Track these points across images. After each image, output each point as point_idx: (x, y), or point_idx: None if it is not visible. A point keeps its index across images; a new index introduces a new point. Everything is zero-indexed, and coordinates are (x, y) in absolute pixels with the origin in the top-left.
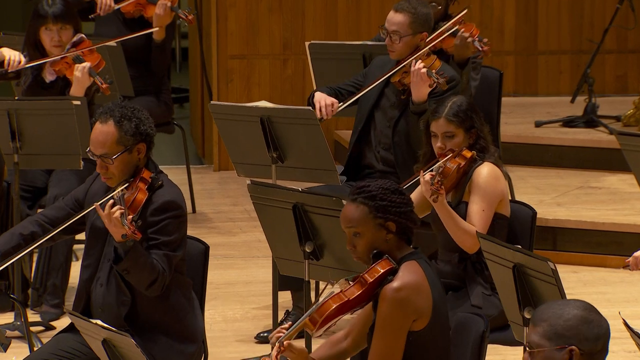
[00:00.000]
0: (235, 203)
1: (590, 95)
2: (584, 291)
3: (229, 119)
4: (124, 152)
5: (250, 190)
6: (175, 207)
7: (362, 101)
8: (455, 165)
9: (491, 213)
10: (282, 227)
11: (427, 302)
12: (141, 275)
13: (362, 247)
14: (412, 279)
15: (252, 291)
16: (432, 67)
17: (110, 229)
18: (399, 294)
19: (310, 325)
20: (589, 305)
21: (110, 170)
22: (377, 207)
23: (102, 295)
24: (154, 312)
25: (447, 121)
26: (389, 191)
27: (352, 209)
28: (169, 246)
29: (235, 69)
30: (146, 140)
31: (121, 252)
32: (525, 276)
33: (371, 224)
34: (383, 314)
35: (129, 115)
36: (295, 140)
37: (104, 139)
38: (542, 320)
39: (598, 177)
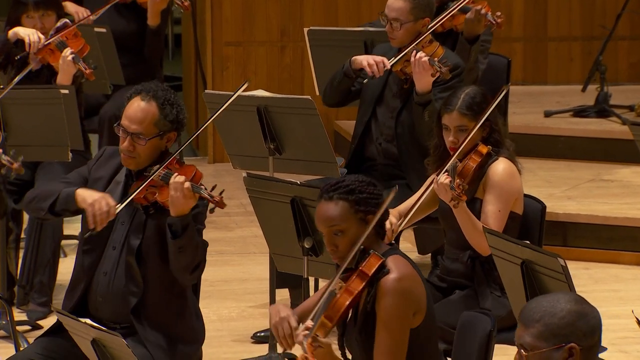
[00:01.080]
0: (230, 197)
1: (602, 84)
2: (596, 289)
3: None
4: (157, 136)
5: (246, 184)
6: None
7: (366, 91)
8: (474, 165)
9: (507, 212)
10: (280, 222)
11: (422, 295)
12: (193, 255)
13: (345, 245)
14: (408, 270)
15: (249, 289)
16: (434, 55)
17: (176, 201)
18: (401, 284)
19: (327, 323)
20: (578, 297)
21: (137, 150)
22: (357, 200)
23: (105, 284)
24: (160, 310)
25: (461, 114)
26: (365, 183)
27: (330, 207)
28: (201, 234)
29: (230, 57)
30: (179, 130)
31: (178, 228)
32: (534, 273)
33: (353, 220)
34: (387, 307)
35: (172, 101)
36: (294, 130)
37: (143, 117)
38: (534, 321)
39: (610, 170)
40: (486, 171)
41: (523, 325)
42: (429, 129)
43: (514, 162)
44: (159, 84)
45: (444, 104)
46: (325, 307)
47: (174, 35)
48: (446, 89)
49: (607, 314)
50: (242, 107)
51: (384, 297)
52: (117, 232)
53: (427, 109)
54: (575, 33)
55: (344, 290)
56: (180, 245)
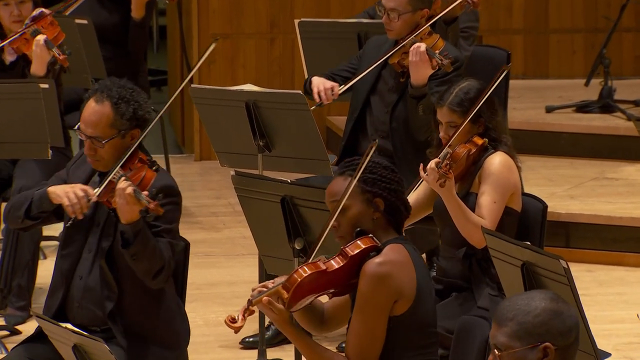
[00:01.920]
0: (218, 196)
1: (606, 78)
2: (600, 292)
3: (211, 103)
4: (117, 137)
5: (234, 182)
6: (175, 193)
7: (358, 86)
8: (465, 150)
9: (502, 205)
10: (270, 222)
11: (410, 284)
12: (150, 262)
13: (346, 223)
14: (396, 256)
15: (237, 292)
16: (434, 47)
17: (122, 207)
18: (381, 269)
19: (282, 292)
20: (554, 295)
21: (99, 153)
22: (365, 179)
23: (81, 289)
24: (139, 313)
25: (450, 110)
26: (379, 165)
27: (338, 181)
28: (170, 234)
29: (218, 50)
30: (142, 126)
31: (130, 236)
32: (535, 275)
33: (358, 198)
34: (363, 290)
35: (128, 98)
36: (284, 127)
37: (97, 120)
38: (508, 320)
39: (615, 167)
40: (482, 164)
41: (497, 324)
42: (423, 123)
43: (513, 158)
44: (117, 81)
45: (437, 97)
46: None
47: (158, 27)
48: (443, 82)
49: (611, 318)
50: (230, 102)
51: (362, 280)
52: (92, 235)
53: (421, 103)
54: (578, 25)
55: (310, 263)
56: (133, 253)
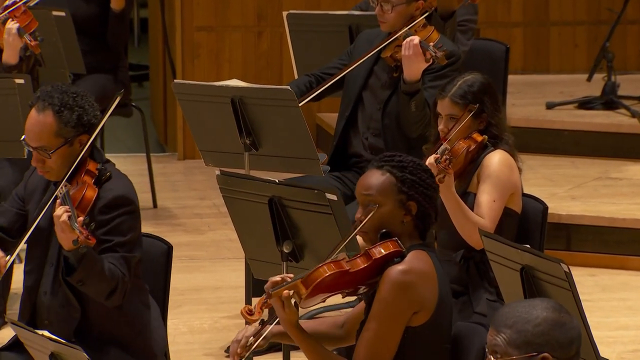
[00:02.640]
0: (202, 197)
1: (609, 73)
2: (602, 297)
3: (195, 100)
4: (64, 146)
5: (219, 182)
6: (128, 202)
7: (349, 81)
8: (464, 146)
9: (502, 205)
10: (257, 224)
11: (432, 295)
12: (99, 285)
13: (374, 220)
14: (420, 265)
15: (222, 298)
16: (428, 40)
17: (58, 235)
18: (405, 277)
19: (301, 288)
20: (557, 305)
21: (48, 164)
22: (404, 180)
23: (47, 306)
24: (108, 324)
25: (452, 103)
26: (421, 168)
27: (376, 174)
28: (124, 247)
29: (202, 43)
30: (89, 131)
31: (73, 262)
32: (535, 280)
33: (392, 198)
34: (383, 296)
35: (70, 104)
36: (272, 124)
37: (41, 131)
38: (507, 327)
39: (619, 167)
40: (481, 162)
41: (495, 329)
42: (415, 120)
43: (514, 157)
44: (58, 87)
45: (440, 89)
46: (310, 272)
47: (139, 19)
48: (437, 77)
49: (615, 324)
50: (214, 98)
51: (383, 286)
52: (53, 248)
53: (414, 99)
54: (580, 17)
55: (332, 262)
56: (79, 280)
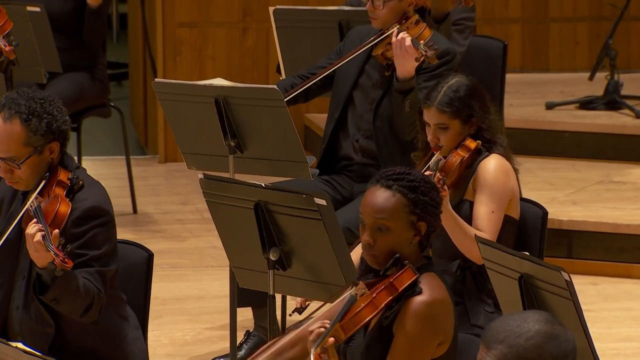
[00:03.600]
0: (184, 201)
1: (612, 71)
2: (605, 307)
3: (177, 99)
4: (33, 155)
5: (202, 186)
6: (102, 213)
7: (339, 80)
8: (458, 159)
9: (502, 214)
10: (242, 231)
11: (451, 323)
12: (74, 304)
13: (385, 245)
14: (442, 295)
15: (206, 308)
16: (420, 38)
17: (31, 253)
18: (432, 310)
19: (342, 334)
20: (550, 317)
21: (17, 174)
22: (416, 201)
23: (19, 321)
24: (84, 339)
25: (439, 111)
26: (430, 186)
27: (387, 196)
28: (100, 261)
29: (184, 40)
30: (59, 138)
31: (47, 280)
32: (534, 289)
33: (404, 220)
34: (411, 332)
35: (39, 111)
36: (258, 125)
37: (8, 141)
38: (498, 342)
39: (622, 170)
40: (476, 169)
41: (485, 346)
42: (409, 121)
43: (509, 160)
44: (25, 92)
45: (424, 97)
46: (343, 315)
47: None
48: (432, 77)
49: (618, 335)
50: (197, 98)
51: (410, 319)
52: (24, 260)
53: (408, 98)
54: (581, 12)
55: (370, 302)
56: (53, 298)
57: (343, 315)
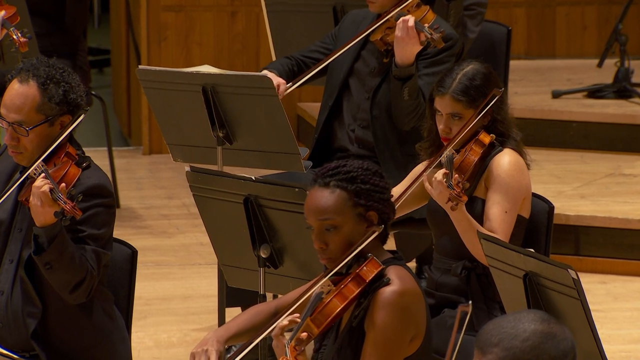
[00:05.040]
0: (170, 196)
1: (622, 58)
2: (615, 307)
3: (162, 88)
4: (44, 123)
5: (189, 180)
6: (107, 194)
7: (333, 67)
8: (475, 157)
9: (515, 214)
10: (231, 227)
11: (423, 317)
12: (67, 272)
13: (338, 244)
14: (411, 285)
15: (192, 308)
16: (423, 21)
17: (33, 209)
18: (403, 300)
19: (313, 327)
20: (546, 316)
21: (23, 143)
22: (358, 191)
23: (3, 306)
24: (68, 332)
25: (454, 100)
26: (370, 172)
27: (325, 195)
28: (97, 241)
29: (170, 24)
30: (73, 112)
31: (44, 241)
32: (540, 288)
33: (350, 214)
34: (383, 324)
35: (57, 78)
36: (248, 115)
37: (22, 103)
38: (492, 345)
39: (632, 162)
40: (488, 164)
41: (480, 351)
42: (408, 110)
43: (522, 155)
44: (44, 60)
45: (437, 83)
46: (312, 311)
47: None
48: (433, 63)
49: (629, 337)
50: (184, 86)
51: (380, 311)
52: (13, 242)
53: (406, 86)
54: None
55: (338, 293)
56: (47, 262)
57: (312, 311)
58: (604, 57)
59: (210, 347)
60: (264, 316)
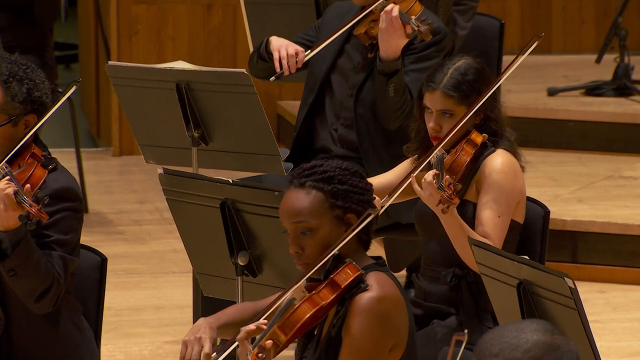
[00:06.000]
0: (142, 200)
1: (622, 53)
2: (615, 317)
3: (134, 85)
4: (8, 124)
5: (162, 183)
6: (75, 197)
7: (314, 62)
8: (467, 158)
9: (509, 218)
10: (207, 233)
11: (404, 326)
12: (32, 279)
13: (314, 248)
14: (391, 291)
15: (166, 319)
16: (410, 12)
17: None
18: (381, 306)
19: (280, 335)
20: (549, 326)
21: None
22: (335, 192)
23: None
24: (34, 345)
25: (445, 95)
26: (348, 172)
27: (300, 196)
28: (64, 247)
29: (141, 18)
30: (38, 110)
31: (7, 246)
32: (535, 297)
33: (327, 216)
34: (359, 331)
35: (21, 75)
36: (225, 114)
37: None
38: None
39: (633, 164)
40: (480, 166)
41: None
42: (394, 108)
43: (516, 156)
44: (6, 56)
45: (427, 79)
46: (279, 317)
47: None
48: (420, 59)
49: (629, 350)
50: (156, 83)
51: (357, 318)
52: None
53: (392, 82)
54: None
55: (307, 300)
56: (11, 268)
57: (281, 317)
58: (602, 52)
59: (203, 335)
60: (249, 314)
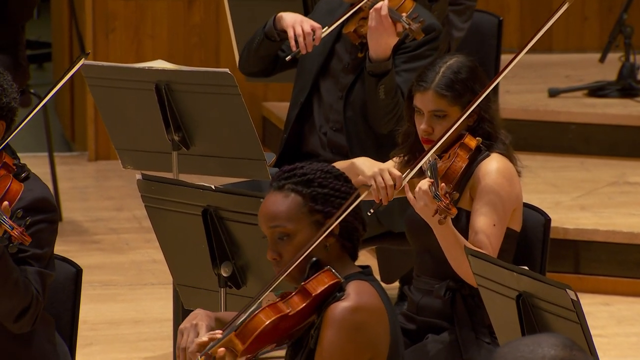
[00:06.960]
0: (119, 207)
1: (627, 52)
2: (619, 332)
3: (110, 85)
4: None
5: (141, 189)
6: (50, 208)
7: (303, 62)
8: (462, 164)
9: (504, 227)
10: (188, 242)
11: (384, 337)
12: (11, 301)
13: (292, 254)
14: (369, 301)
15: (144, 334)
16: (400, 9)
17: None
18: (354, 317)
19: (237, 343)
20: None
21: None
22: (314, 196)
23: None
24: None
25: (438, 95)
26: (330, 175)
27: (277, 200)
28: (41, 261)
29: (118, 14)
30: (7, 117)
31: None
32: (535, 310)
33: (306, 221)
34: (329, 343)
35: None
36: (207, 116)
37: None
38: None
39: (638, 169)
40: (474, 171)
41: None
42: (385, 110)
43: (512, 160)
44: None
45: (417, 78)
46: (238, 325)
47: None
48: (413, 58)
49: None
50: (134, 83)
51: (328, 329)
52: None
53: (382, 83)
54: None
55: (270, 306)
56: None
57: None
58: (606, 51)
59: (200, 322)
60: None
